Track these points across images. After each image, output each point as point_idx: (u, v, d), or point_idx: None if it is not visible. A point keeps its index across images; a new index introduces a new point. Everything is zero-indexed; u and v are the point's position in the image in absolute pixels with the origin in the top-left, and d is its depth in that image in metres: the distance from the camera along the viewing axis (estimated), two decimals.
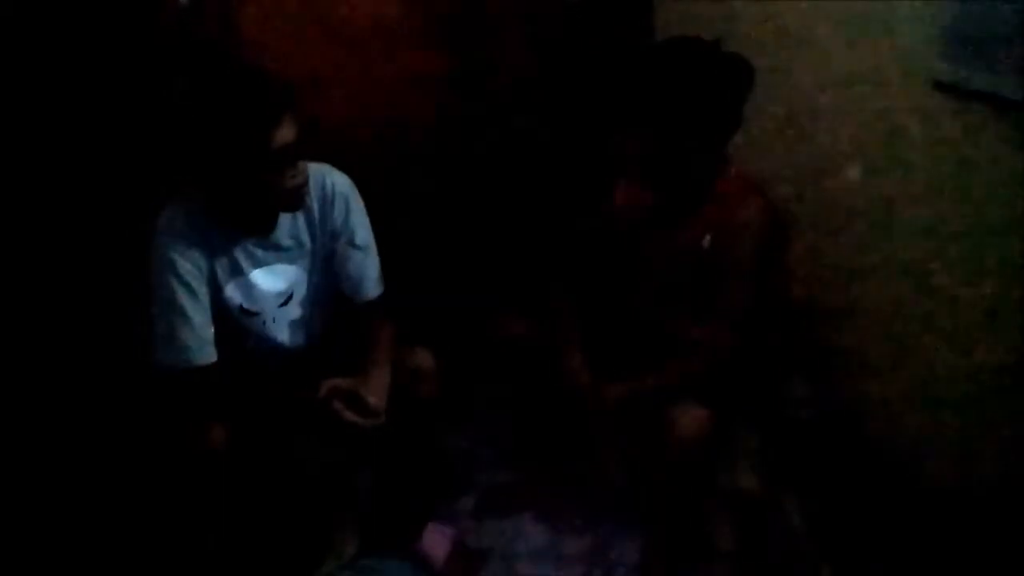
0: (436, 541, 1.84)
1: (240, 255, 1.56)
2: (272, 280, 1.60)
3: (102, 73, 1.89)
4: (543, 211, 2.38)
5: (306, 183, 1.51)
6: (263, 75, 1.45)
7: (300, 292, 1.65)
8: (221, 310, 1.57)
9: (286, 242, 1.60)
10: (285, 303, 1.63)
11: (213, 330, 1.54)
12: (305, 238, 1.62)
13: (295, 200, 1.52)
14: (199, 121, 1.41)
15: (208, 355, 1.52)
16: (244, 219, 1.55)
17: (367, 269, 1.67)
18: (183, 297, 1.50)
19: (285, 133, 1.42)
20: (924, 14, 1.56)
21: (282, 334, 1.66)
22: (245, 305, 1.60)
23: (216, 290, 1.55)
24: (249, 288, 1.59)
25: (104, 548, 1.76)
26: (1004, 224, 1.48)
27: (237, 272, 1.57)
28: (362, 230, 1.66)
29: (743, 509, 1.84)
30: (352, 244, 1.65)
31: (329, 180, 1.61)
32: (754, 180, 1.63)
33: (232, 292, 1.57)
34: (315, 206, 1.60)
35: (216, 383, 1.54)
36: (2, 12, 1.80)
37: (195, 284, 1.51)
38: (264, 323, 1.62)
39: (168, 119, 1.54)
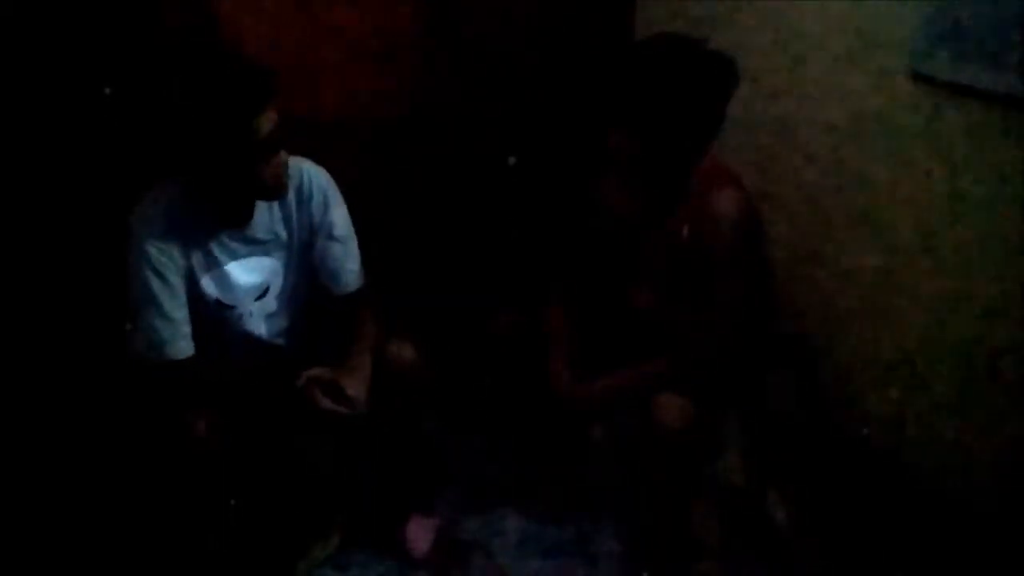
0: (420, 532, 1.84)
1: (216, 248, 1.55)
2: (248, 273, 1.60)
3: (86, 66, 1.88)
4: (537, 209, 2.36)
5: (287, 172, 1.51)
6: (246, 63, 1.45)
7: (276, 285, 1.64)
8: (198, 304, 1.56)
9: (262, 235, 1.59)
10: (261, 296, 1.63)
11: (190, 324, 1.53)
12: (281, 231, 1.61)
13: (277, 189, 1.51)
14: (184, 111, 1.40)
15: (185, 348, 1.52)
16: (223, 210, 1.54)
17: (347, 261, 1.67)
18: (159, 290, 1.49)
19: (269, 121, 1.42)
20: (909, 6, 1.55)
21: (260, 328, 1.65)
22: (221, 298, 1.59)
23: (192, 283, 1.55)
24: (225, 281, 1.58)
25: (94, 540, 1.77)
26: (1000, 224, 1.46)
27: (213, 265, 1.56)
28: (341, 222, 1.65)
29: (728, 502, 1.84)
30: (331, 237, 1.64)
31: (306, 174, 1.61)
32: (731, 171, 1.60)
33: (208, 285, 1.57)
34: (292, 199, 1.60)
35: (196, 377, 1.54)
36: None
37: (171, 277, 1.50)
38: (241, 317, 1.62)
39: (151, 110, 1.53)
